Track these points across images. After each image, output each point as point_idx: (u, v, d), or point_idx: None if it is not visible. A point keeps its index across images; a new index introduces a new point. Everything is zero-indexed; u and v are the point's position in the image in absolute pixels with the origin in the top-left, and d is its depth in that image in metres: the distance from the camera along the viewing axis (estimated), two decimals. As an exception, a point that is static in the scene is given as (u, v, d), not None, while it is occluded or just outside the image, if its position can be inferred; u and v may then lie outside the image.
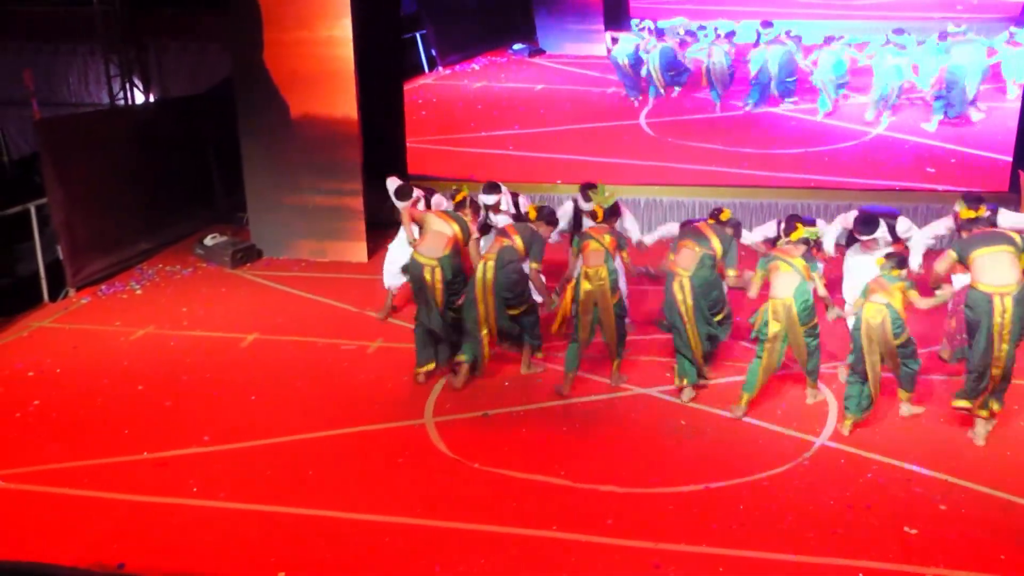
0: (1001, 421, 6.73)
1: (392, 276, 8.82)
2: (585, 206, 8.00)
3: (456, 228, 7.44)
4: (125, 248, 10.84)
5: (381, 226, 10.44)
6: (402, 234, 8.63)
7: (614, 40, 11.92)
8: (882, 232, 7.31)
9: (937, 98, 11.23)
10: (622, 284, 7.72)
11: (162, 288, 10.22)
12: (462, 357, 7.44)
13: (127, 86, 13.29)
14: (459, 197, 7.85)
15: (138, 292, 10.09)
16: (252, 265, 11.01)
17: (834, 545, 5.38)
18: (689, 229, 7.35)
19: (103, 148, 10.57)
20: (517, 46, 12.15)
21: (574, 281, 7.35)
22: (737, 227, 7.58)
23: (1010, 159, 10.88)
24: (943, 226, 7.48)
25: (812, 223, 7.22)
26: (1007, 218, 7.07)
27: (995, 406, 6.52)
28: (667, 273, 7.16)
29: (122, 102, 13.15)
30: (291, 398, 7.38)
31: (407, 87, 12.10)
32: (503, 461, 6.34)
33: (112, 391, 7.56)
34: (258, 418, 7.05)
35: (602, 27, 12.30)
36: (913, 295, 6.52)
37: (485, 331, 7.33)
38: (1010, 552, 5.30)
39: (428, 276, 7.28)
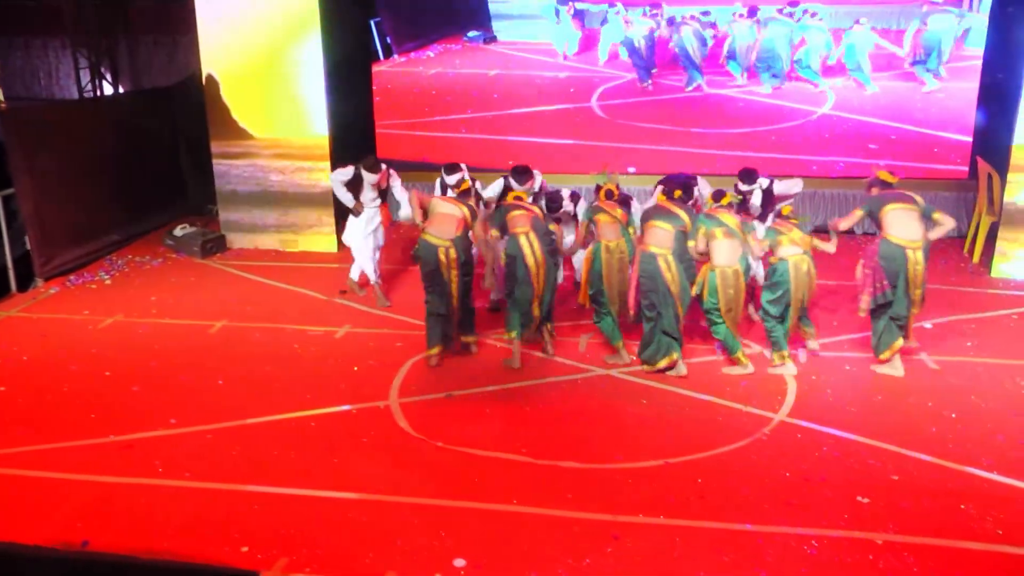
0: (951, 397, 6.98)
1: (368, 260, 9.16)
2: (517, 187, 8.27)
3: (465, 211, 7.54)
4: (94, 239, 10.82)
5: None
6: (352, 221, 9.01)
7: (627, 22, 11.67)
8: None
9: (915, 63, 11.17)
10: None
11: (131, 278, 10.23)
12: (512, 335, 7.52)
13: (95, 79, 13.28)
14: (464, 186, 7.94)
15: (107, 282, 10.10)
16: (222, 255, 11.05)
17: (788, 515, 5.50)
18: (656, 210, 7.43)
19: (72, 139, 10.56)
20: (472, 33, 12.23)
21: (591, 254, 7.46)
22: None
23: (969, 139, 11.05)
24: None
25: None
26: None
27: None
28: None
29: (90, 94, 13.14)
30: (258, 382, 7.43)
31: (361, 74, 12.19)
32: (466, 440, 6.42)
33: (79, 377, 7.58)
34: (225, 401, 7.09)
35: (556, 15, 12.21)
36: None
37: (536, 308, 7.46)
38: (958, 518, 5.44)
39: (442, 256, 7.36)
